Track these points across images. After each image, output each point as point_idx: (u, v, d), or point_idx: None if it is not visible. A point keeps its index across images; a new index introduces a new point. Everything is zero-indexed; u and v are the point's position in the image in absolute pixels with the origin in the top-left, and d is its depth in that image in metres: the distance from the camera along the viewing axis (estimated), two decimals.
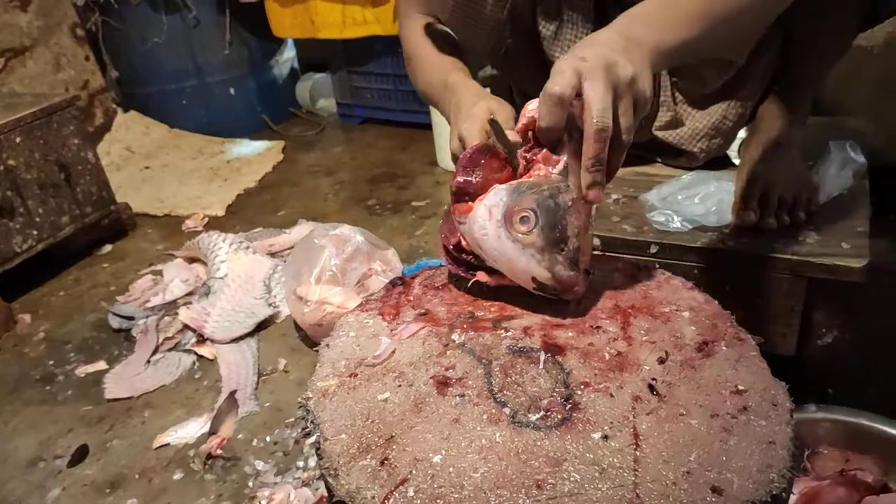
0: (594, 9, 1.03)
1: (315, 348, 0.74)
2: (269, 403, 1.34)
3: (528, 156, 0.69)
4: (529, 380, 0.61)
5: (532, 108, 0.67)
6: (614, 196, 1.18)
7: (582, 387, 0.60)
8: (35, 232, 1.75)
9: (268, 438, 1.26)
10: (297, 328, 1.53)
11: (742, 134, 1.23)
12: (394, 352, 0.68)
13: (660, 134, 1.16)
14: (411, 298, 0.77)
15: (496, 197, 0.68)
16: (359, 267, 1.45)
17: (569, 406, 0.58)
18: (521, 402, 0.59)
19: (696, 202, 1.10)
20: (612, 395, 0.58)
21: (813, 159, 1.12)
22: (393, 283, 0.80)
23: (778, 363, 1.03)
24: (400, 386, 0.63)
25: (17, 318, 1.71)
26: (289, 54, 2.95)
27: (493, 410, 0.58)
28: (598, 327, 0.67)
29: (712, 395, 0.58)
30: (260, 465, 1.20)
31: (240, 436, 1.27)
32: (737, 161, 1.23)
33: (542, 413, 0.57)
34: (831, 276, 0.95)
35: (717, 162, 1.22)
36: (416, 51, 1.05)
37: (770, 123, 1.11)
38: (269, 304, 1.60)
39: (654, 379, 0.60)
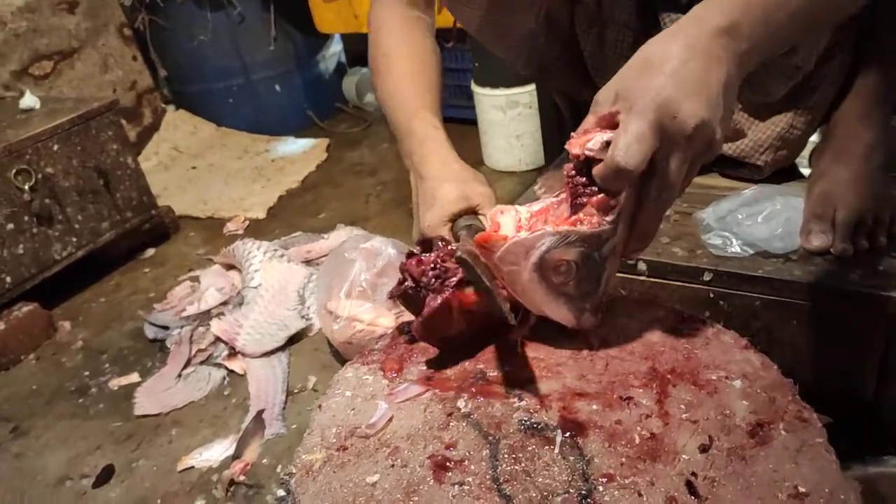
0: (637, 7, 0.91)
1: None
2: (295, 425, 1.29)
3: (580, 190, 0.58)
4: (542, 467, 0.51)
5: (592, 143, 0.56)
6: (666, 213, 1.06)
7: (604, 480, 0.50)
8: (74, 239, 1.74)
9: (280, 468, 1.19)
10: (330, 343, 1.46)
11: (814, 139, 1.08)
12: (391, 419, 0.59)
13: None
14: (419, 348, 0.68)
15: (538, 240, 0.57)
16: (390, 282, 1.37)
17: None
18: (530, 497, 0.49)
19: (758, 222, 0.96)
20: (640, 495, 0.48)
21: (894, 169, 0.98)
22: (400, 330, 0.71)
23: (854, 410, 0.92)
24: (392, 466, 0.54)
25: (58, 325, 1.71)
26: (335, 48, 2.89)
27: None
28: (628, 398, 0.56)
29: (766, 498, 0.47)
30: (282, 493, 1.14)
31: (264, 460, 1.22)
32: (806, 171, 1.09)
33: None
34: None
35: (784, 173, 1.08)
36: (383, 51, 0.91)
37: (846, 131, 0.96)
38: (303, 316, 1.55)
39: (693, 474, 0.49)
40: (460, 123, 2.43)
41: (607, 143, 0.54)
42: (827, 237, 0.90)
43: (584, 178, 0.56)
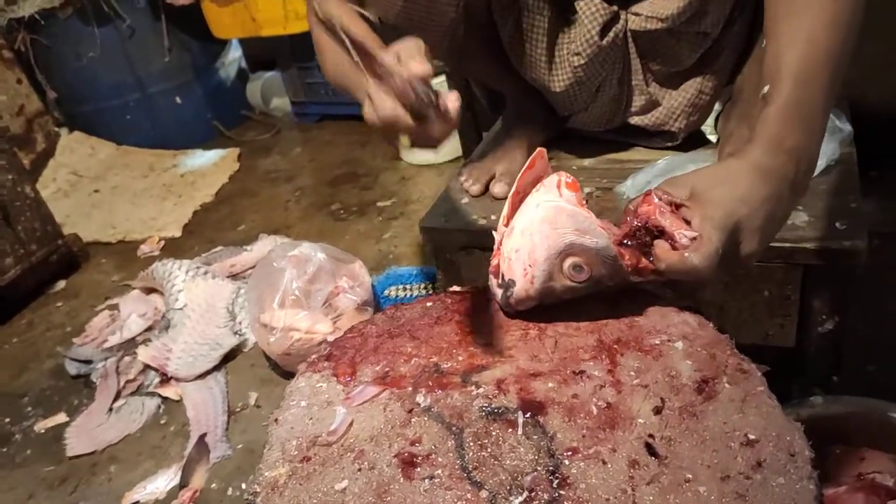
0: None
1: (288, 378, 0.66)
2: (241, 445, 1.25)
3: (635, 238, 0.63)
4: (508, 450, 0.53)
5: (643, 209, 0.62)
6: (587, 189, 1.10)
7: (569, 454, 0.51)
8: None
9: (243, 486, 1.17)
10: (267, 356, 1.43)
11: (718, 107, 1.14)
12: (351, 423, 0.59)
13: (635, 120, 1.07)
14: (369, 349, 0.68)
15: (593, 229, 0.61)
16: (323, 287, 1.35)
17: (556, 481, 0.49)
18: (501, 480, 0.50)
19: None
20: (604, 462, 0.50)
21: None
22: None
23: (779, 355, 0.98)
24: (360, 470, 0.54)
25: None
26: (235, 54, 2.81)
27: (469, 495, 0.50)
28: (580, 372, 0.58)
29: (720, 449, 0.50)
30: None
31: (213, 485, 1.18)
32: (712, 137, 1.15)
33: (525, 494, 0.49)
34: (829, 263, 0.87)
35: (692, 140, 1.13)
36: (323, 37, 0.89)
37: (749, 93, 1.02)
38: (235, 333, 1.50)
39: (651, 436, 0.51)
40: None
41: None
42: None
43: (645, 237, 0.61)
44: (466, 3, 0.90)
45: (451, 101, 0.61)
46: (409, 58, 0.59)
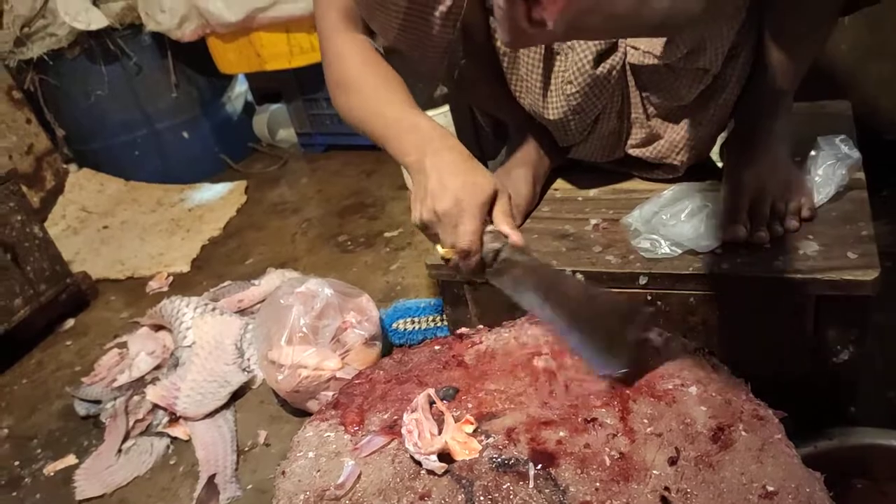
0: None
1: (297, 415, 0.65)
2: (251, 485, 1.24)
3: None
4: None
5: None
6: (594, 221, 1.09)
7: None
8: None
9: None
10: (276, 393, 1.42)
11: (724, 134, 1.14)
12: (359, 476, 0.58)
13: (635, 153, 1.07)
14: (376, 396, 0.67)
15: None
16: (331, 323, 1.34)
17: None
18: None
19: (682, 220, 1.00)
20: None
21: (800, 156, 1.03)
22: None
23: (794, 387, 0.96)
24: None
25: None
26: (241, 88, 2.84)
27: None
28: (592, 420, 0.57)
29: (738, 502, 0.48)
30: None
31: None
32: (720, 164, 1.14)
33: None
34: (841, 293, 0.86)
35: (699, 168, 1.12)
36: (347, 73, 0.93)
37: (752, 124, 1.01)
38: (244, 369, 1.50)
39: (666, 488, 0.50)
40: (378, 150, 2.42)
41: None
42: (745, 228, 0.94)
43: None
44: (464, 25, 0.90)
45: None
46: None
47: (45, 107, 2.46)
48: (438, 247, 0.77)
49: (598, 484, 0.51)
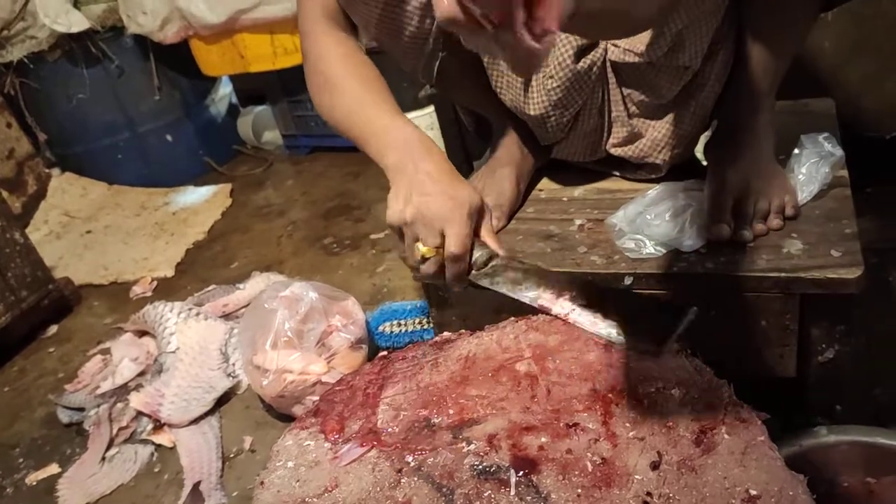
0: None
1: (283, 421, 0.65)
2: (237, 492, 1.22)
3: None
4: None
5: None
6: (578, 222, 1.08)
7: None
8: None
9: None
10: (261, 399, 1.41)
11: (707, 133, 1.13)
12: (338, 485, 0.57)
13: (617, 152, 1.06)
14: (357, 403, 0.66)
15: None
16: (316, 326, 1.33)
17: None
18: None
19: (666, 220, 1.00)
20: None
21: (783, 154, 1.03)
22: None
23: (780, 386, 0.96)
24: None
25: None
26: (225, 90, 2.81)
27: None
28: (574, 424, 0.56)
29: None
30: None
31: None
32: (705, 164, 1.14)
33: None
34: (825, 291, 0.86)
35: (683, 168, 1.12)
36: (329, 72, 0.93)
37: (734, 122, 1.01)
38: (229, 375, 1.48)
39: (648, 494, 0.49)
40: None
41: None
42: (728, 226, 0.94)
43: None
44: None
45: None
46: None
47: (26, 110, 2.43)
48: (419, 245, 0.77)
49: (579, 490, 0.50)
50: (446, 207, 0.77)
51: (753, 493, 0.48)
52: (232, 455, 1.31)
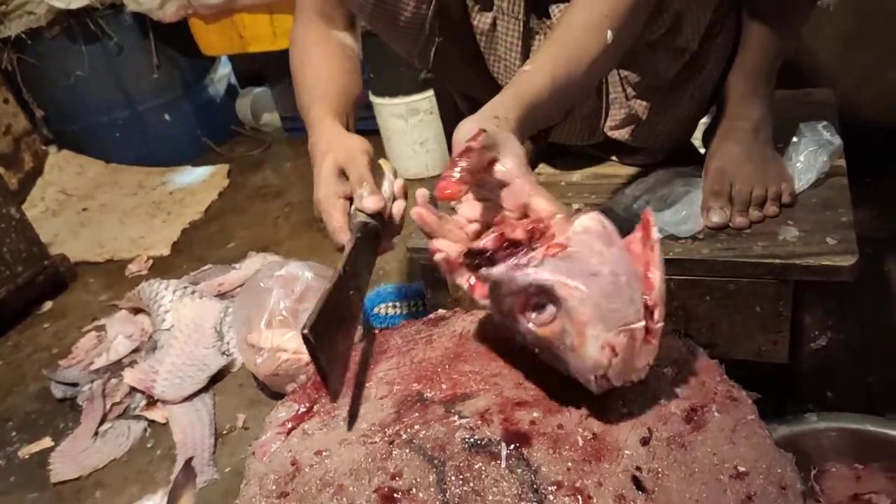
0: None
1: (276, 399, 0.65)
2: (229, 468, 1.23)
3: None
4: (490, 484, 0.51)
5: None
6: (576, 206, 1.08)
7: (553, 488, 0.49)
8: None
9: None
10: (255, 377, 1.41)
11: (705, 119, 1.13)
12: (329, 456, 0.57)
13: (615, 134, 1.06)
14: (350, 377, 0.66)
15: None
16: (311, 307, 1.33)
17: None
18: None
19: (663, 205, 1.00)
20: (590, 497, 0.48)
21: (782, 142, 1.03)
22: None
23: (773, 372, 0.96)
24: None
25: None
26: (224, 70, 2.80)
27: None
28: (566, 400, 0.56)
29: (709, 482, 0.48)
30: None
31: None
32: (703, 150, 1.14)
33: None
34: (820, 278, 0.86)
35: (681, 154, 1.12)
36: (296, 66, 0.95)
37: (733, 109, 1.01)
38: (223, 353, 1.48)
39: (638, 468, 0.50)
40: (361, 134, 2.40)
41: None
42: (725, 213, 0.94)
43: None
44: (441, 2, 0.90)
45: (396, 208, 0.77)
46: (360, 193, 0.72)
47: (24, 87, 2.41)
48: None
49: (570, 464, 0.51)
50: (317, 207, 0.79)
51: (742, 469, 0.48)
52: (225, 432, 1.32)
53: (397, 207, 0.78)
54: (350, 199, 0.75)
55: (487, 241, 0.57)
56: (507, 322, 0.55)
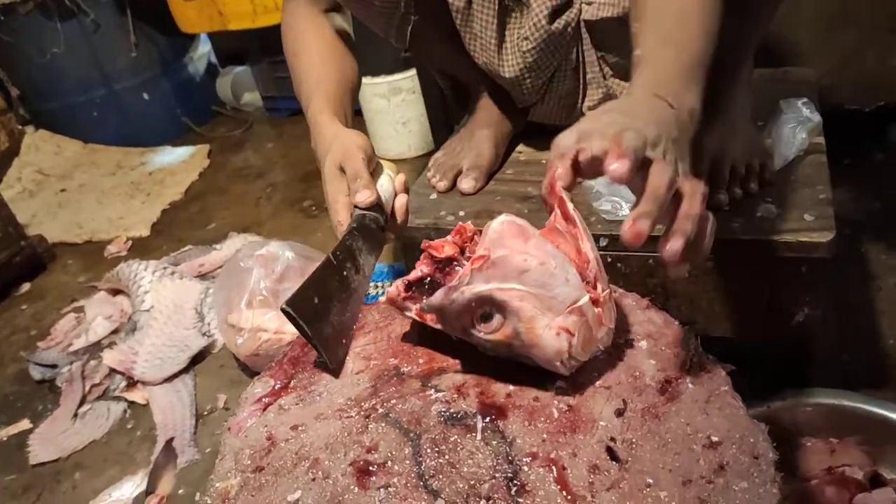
0: None
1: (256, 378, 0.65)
2: (209, 449, 1.23)
3: None
4: (466, 457, 0.51)
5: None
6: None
7: (528, 459, 0.50)
8: None
9: (198, 497, 1.14)
10: (236, 358, 1.40)
11: None
12: (305, 431, 0.57)
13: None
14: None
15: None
16: (292, 286, 1.32)
17: (514, 489, 0.48)
18: (458, 488, 0.49)
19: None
20: (564, 468, 0.49)
21: (762, 119, 1.03)
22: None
23: (750, 349, 0.97)
24: (314, 480, 0.52)
25: None
26: (203, 49, 2.76)
27: None
28: (543, 374, 0.56)
29: (682, 452, 0.48)
30: None
31: (181, 491, 1.16)
32: None
33: (483, 503, 0.47)
34: (797, 255, 0.86)
35: None
36: (291, 52, 0.96)
37: (711, 88, 1.00)
38: (204, 334, 1.47)
39: (612, 439, 0.50)
40: None
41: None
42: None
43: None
44: None
45: (398, 203, 0.80)
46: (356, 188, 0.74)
47: None
48: None
49: (545, 435, 0.51)
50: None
51: (715, 439, 0.49)
52: (206, 413, 1.31)
53: (399, 202, 0.81)
54: None
55: (421, 268, 0.62)
56: (466, 338, 0.56)
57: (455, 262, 0.63)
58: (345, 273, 0.69)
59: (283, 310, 0.61)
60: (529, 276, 0.51)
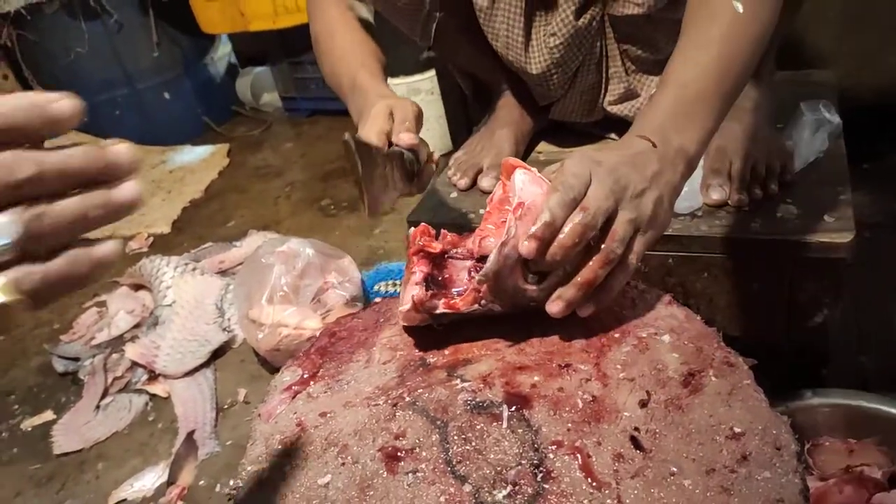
0: None
1: (276, 374, 0.67)
2: (230, 441, 1.24)
3: None
4: (492, 444, 0.52)
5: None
6: None
7: (554, 447, 0.51)
8: None
9: (231, 482, 1.16)
10: (256, 352, 1.42)
11: None
12: (334, 417, 0.58)
13: (614, 110, 1.06)
14: (354, 342, 0.67)
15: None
16: (312, 283, 1.34)
17: (540, 475, 0.49)
18: (485, 474, 0.50)
19: None
20: (589, 456, 0.50)
21: (782, 121, 1.04)
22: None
23: (768, 349, 0.98)
24: (343, 464, 0.53)
25: None
26: (224, 49, 2.79)
27: (452, 489, 0.49)
28: (567, 365, 0.58)
29: (705, 443, 0.49)
30: None
31: (201, 482, 1.17)
32: None
33: (509, 488, 0.49)
34: (816, 255, 0.87)
35: None
36: (324, 36, 0.97)
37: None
38: (224, 329, 1.49)
39: (636, 429, 0.51)
40: None
41: None
42: (724, 190, 0.95)
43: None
44: None
45: (427, 170, 0.80)
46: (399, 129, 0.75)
47: (23, 63, 2.41)
48: None
49: (569, 424, 0.52)
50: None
51: (738, 430, 0.49)
52: (226, 406, 1.33)
53: (428, 170, 0.82)
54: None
55: (421, 269, 0.65)
56: (514, 302, 0.59)
57: (447, 256, 0.65)
58: (397, 156, 0.73)
59: (344, 141, 0.64)
60: None
